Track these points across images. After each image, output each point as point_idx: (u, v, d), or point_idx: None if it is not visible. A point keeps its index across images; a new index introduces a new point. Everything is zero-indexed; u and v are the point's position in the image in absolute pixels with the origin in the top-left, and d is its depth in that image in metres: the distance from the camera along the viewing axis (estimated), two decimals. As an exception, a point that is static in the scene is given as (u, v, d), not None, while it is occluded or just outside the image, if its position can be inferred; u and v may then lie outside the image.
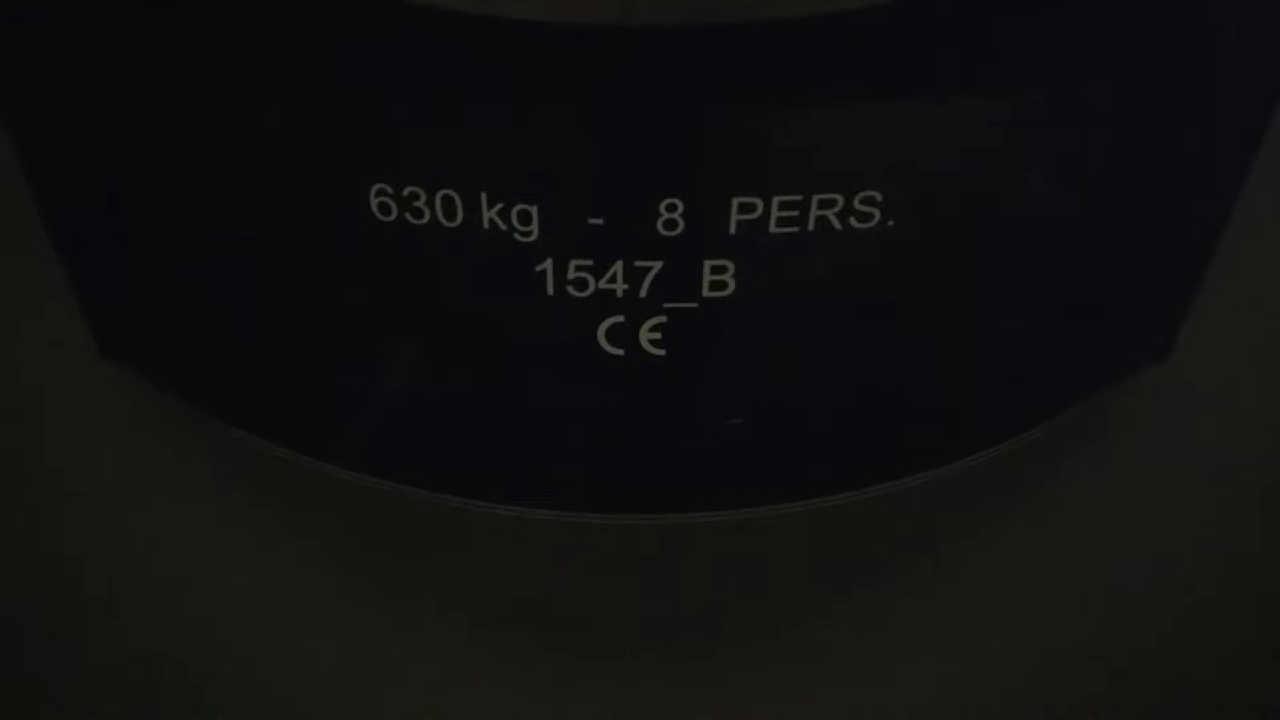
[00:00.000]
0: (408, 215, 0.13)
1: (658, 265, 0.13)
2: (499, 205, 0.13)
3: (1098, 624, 0.21)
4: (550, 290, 0.14)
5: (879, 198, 0.13)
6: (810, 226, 0.13)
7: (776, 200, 0.13)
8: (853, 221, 0.13)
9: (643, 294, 0.14)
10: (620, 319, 0.14)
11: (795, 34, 0.11)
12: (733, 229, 0.13)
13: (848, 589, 0.19)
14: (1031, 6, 0.12)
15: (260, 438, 0.16)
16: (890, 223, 0.13)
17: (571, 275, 0.13)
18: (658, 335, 0.14)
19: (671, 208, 0.13)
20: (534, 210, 0.13)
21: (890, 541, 0.18)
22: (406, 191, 0.13)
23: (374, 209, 0.13)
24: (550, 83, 0.12)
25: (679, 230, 0.13)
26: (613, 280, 0.13)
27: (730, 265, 0.13)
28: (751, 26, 0.11)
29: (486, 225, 0.13)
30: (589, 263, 0.13)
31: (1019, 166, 0.13)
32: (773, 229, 0.13)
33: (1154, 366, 0.17)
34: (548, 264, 0.13)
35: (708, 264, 0.13)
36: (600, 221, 0.13)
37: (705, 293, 0.14)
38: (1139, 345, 0.17)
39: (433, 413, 0.15)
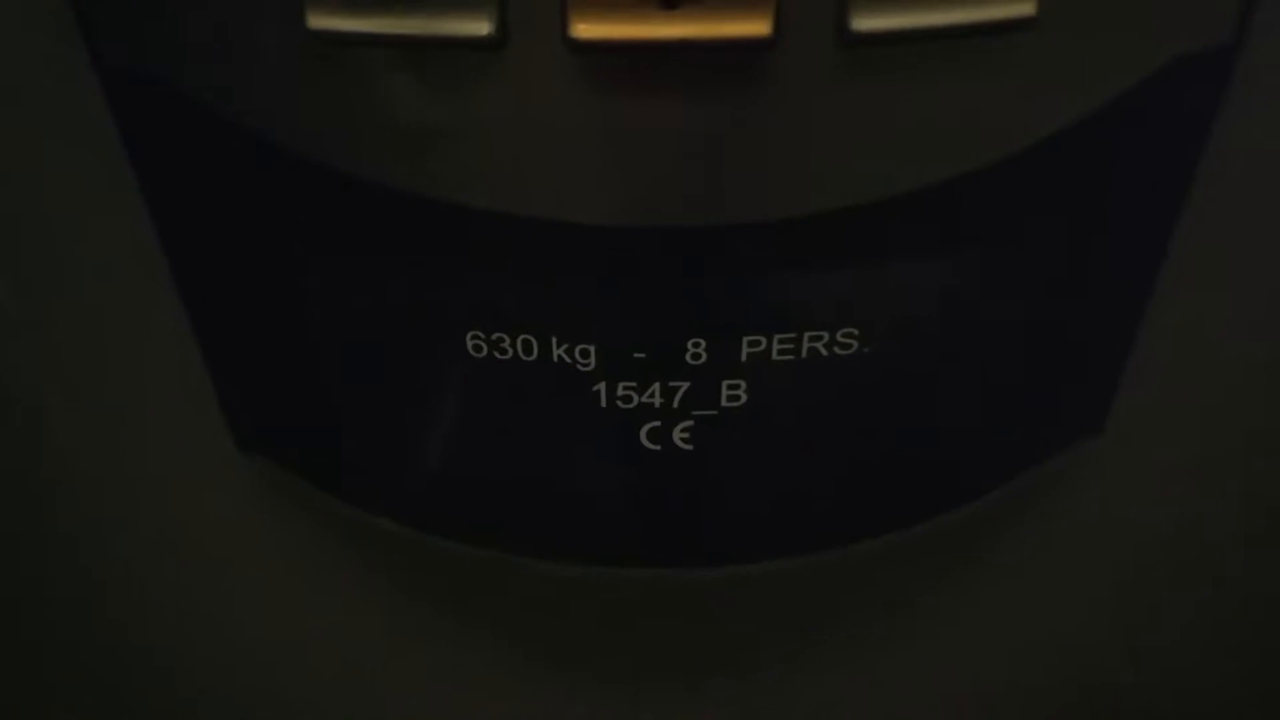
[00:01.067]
0: (495, 353, 0.17)
1: (686, 385, 0.17)
2: (565, 345, 0.17)
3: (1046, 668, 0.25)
4: (603, 404, 0.17)
5: (856, 332, 0.17)
6: (803, 355, 0.17)
7: (776, 337, 0.17)
8: (836, 350, 0.17)
9: (675, 405, 0.18)
10: (657, 423, 0.18)
11: (789, 227, 0.15)
12: (743, 358, 0.17)
13: (834, 627, 0.23)
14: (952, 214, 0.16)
15: (366, 512, 0.20)
16: (865, 349, 0.17)
17: (620, 393, 0.17)
18: (686, 435, 0.18)
19: (696, 344, 0.17)
20: (592, 348, 0.17)
21: (869, 589, 0.22)
22: (494, 336, 0.17)
23: (469, 348, 0.17)
24: (605, 262, 0.16)
25: (702, 360, 0.17)
26: (651, 396, 0.17)
27: (742, 383, 0.17)
28: (754, 224, 0.15)
29: (555, 359, 0.17)
30: (634, 384, 0.17)
31: (961, 308, 0.17)
32: (774, 357, 0.17)
33: (1091, 439, 0.21)
34: (601, 385, 0.17)
35: (724, 383, 0.17)
36: (643, 355, 0.17)
37: (723, 404, 0.18)
38: (1075, 423, 0.21)
39: (509, 492, 0.19)
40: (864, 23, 0.13)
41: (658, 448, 0.18)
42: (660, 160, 0.14)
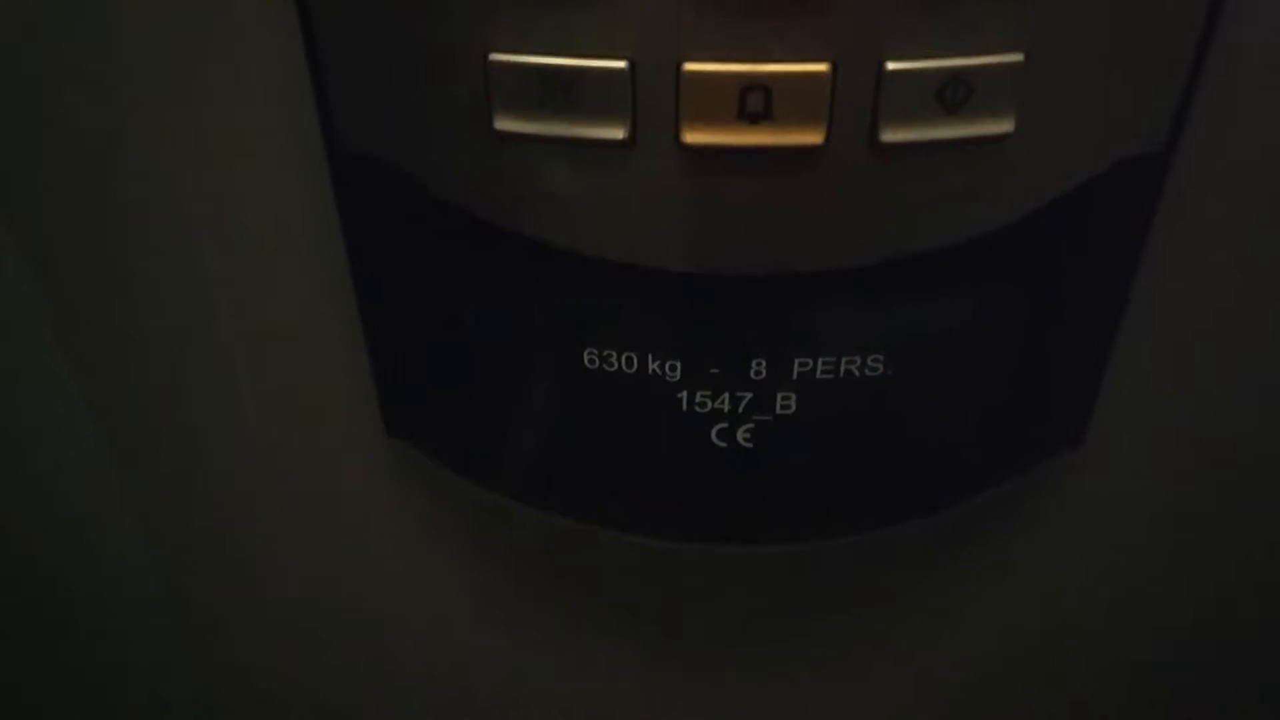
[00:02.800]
0: (604, 365, 0.22)
1: (749, 395, 0.22)
2: (657, 361, 0.22)
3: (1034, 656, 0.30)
4: (684, 408, 0.23)
5: (882, 357, 0.22)
6: (841, 374, 0.22)
7: (820, 360, 0.22)
8: (866, 371, 0.22)
9: (740, 411, 0.23)
10: (725, 425, 0.23)
11: (831, 276, 0.21)
12: (794, 376, 0.22)
13: (850, 605, 0.28)
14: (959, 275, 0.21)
15: (490, 490, 0.26)
16: (889, 371, 0.22)
17: (698, 400, 0.23)
18: (748, 435, 0.23)
19: (759, 364, 0.22)
20: (678, 364, 0.22)
21: (883, 571, 0.28)
22: (605, 352, 0.22)
23: (585, 361, 0.22)
24: (691, 299, 0.21)
25: (763, 376, 0.22)
26: (721, 403, 0.23)
27: (793, 395, 0.22)
28: (804, 274, 0.21)
29: (650, 371, 0.22)
30: (709, 393, 0.22)
31: (961, 340, 0.22)
32: (818, 375, 0.22)
33: (1071, 451, 0.26)
34: (684, 393, 0.23)
35: (779, 395, 0.22)
36: (717, 371, 0.22)
37: (777, 411, 0.23)
38: (1058, 434, 0.26)
39: (608, 476, 0.24)
40: (890, 135, 0.18)
41: (725, 445, 0.23)
42: (738, 227, 0.20)
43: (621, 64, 0.18)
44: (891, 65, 0.18)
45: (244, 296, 0.25)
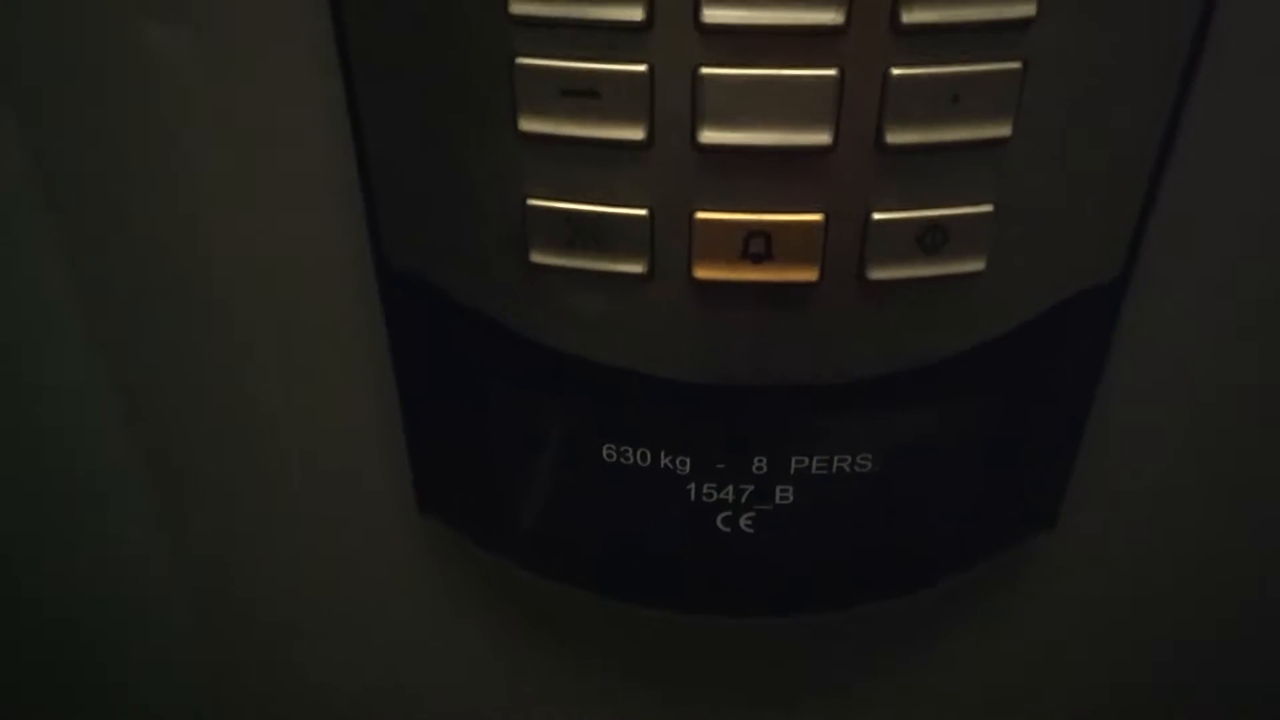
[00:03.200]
0: (621, 459, 0.25)
1: (751, 488, 0.25)
2: (669, 456, 0.25)
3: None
4: (692, 498, 0.25)
5: (870, 455, 0.25)
6: (834, 470, 0.25)
7: (815, 458, 0.25)
8: (856, 467, 0.25)
9: (743, 502, 0.25)
10: (729, 513, 0.26)
11: (819, 390, 0.23)
12: (792, 471, 0.25)
13: (843, 676, 0.31)
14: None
15: (516, 565, 0.28)
16: (876, 468, 0.25)
17: (705, 490, 0.25)
18: (750, 522, 0.26)
19: (760, 460, 0.25)
20: (688, 460, 0.25)
21: (872, 645, 0.30)
22: (623, 448, 0.25)
23: (604, 455, 0.25)
24: (700, 406, 0.24)
25: (764, 472, 0.25)
26: (726, 494, 0.25)
27: (791, 488, 0.25)
28: (798, 387, 0.23)
29: (662, 466, 0.25)
30: (715, 484, 0.25)
31: (938, 442, 0.25)
32: (813, 471, 0.25)
33: (1045, 532, 0.29)
34: (692, 485, 0.25)
35: (778, 487, 0.25)
36: (723, 466, 0.25)
37: (776, 501, 0.25)
38: (1033, 519, 0.28)
39: (624, 557, 0.27)
40: (877, 274, 0.21)
41: (729, 530, 0.26)
42: (742, 347, 0.22)
43: (643, 211, 0.21)
44: (877, 215, 0.21)
45: (295, 383, 0.28)
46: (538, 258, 0.22)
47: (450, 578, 0.30)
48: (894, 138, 0.20)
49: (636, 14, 0.19)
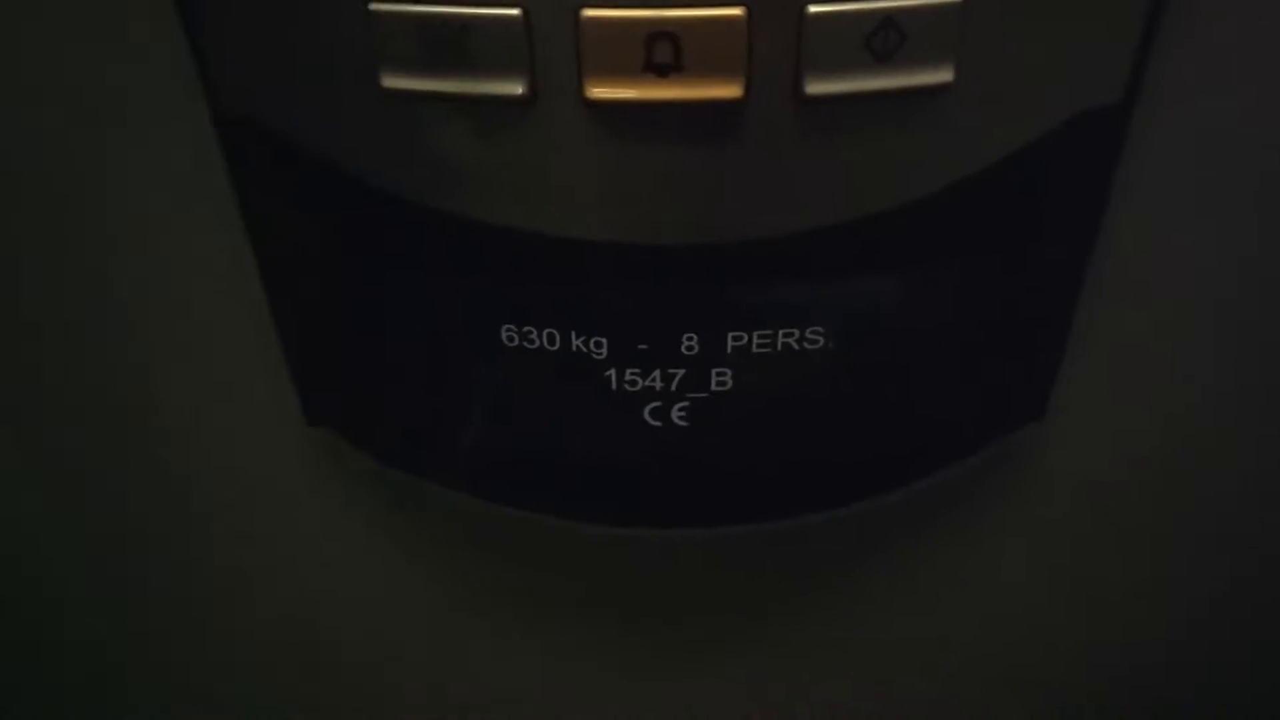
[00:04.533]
0: (524, 343, 0.21)
1: (682, 372, 0.21)
2: (582, 337, 0.20)
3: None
4: (614, 387, 0.21)
5: (822, 330, 0.21)
6: (779, 348, 0.21)
7: (756, 333, 0.20)
8: (805, 344, 0.21)
9: (673, 389, 0.21)
10: (659, 403, 0.21)
11: (760, 245, 0.19)
12: (729, 350, 0.21)
13: (802, 588, 0.27)
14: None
15: (414, 477, 0.24)
16: (830, 344, 0.21)
17: (627, 378, 0.21)
18: (683, 413, 0.22)
19: (690, 338, 0.20)
20: (605, 340, 0.20)
21: (833, 554, 0.26)
22: (525, 328, 0.21)
23: (503, 338, 0.21)
24: (613, 271, 0.20)
25: (695, 352, 0.21)
26: (653, 380, 0.21)
27: (729, 371, 0.21)
28: (731, 243, 0.19)
29: (574, 349, 0.21)
30: (639, 370, 0.21)
31: (906, 312, 0.21)
32: (754, 350, 0.21)
33: (1033, 424, 0.25)
34: (611, 371, 0.21)
35: (714, 371, 0.21)
36: (645, 347, 0.21)
37: (713, 388, 0.21)
38: (1018, 409, 0.24)
39: (535, 460, 0.23)
40: (815, 88, 0.17)
41: (659, 424, 0.22)
42: (655, 191, 0.18)
43: (515, 11, 0.16)
44: (814, 9, 0.16)
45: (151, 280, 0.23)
46: (389, 82, 0.17)
47: (348, 497, 0.26)
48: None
49: None
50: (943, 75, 0.17)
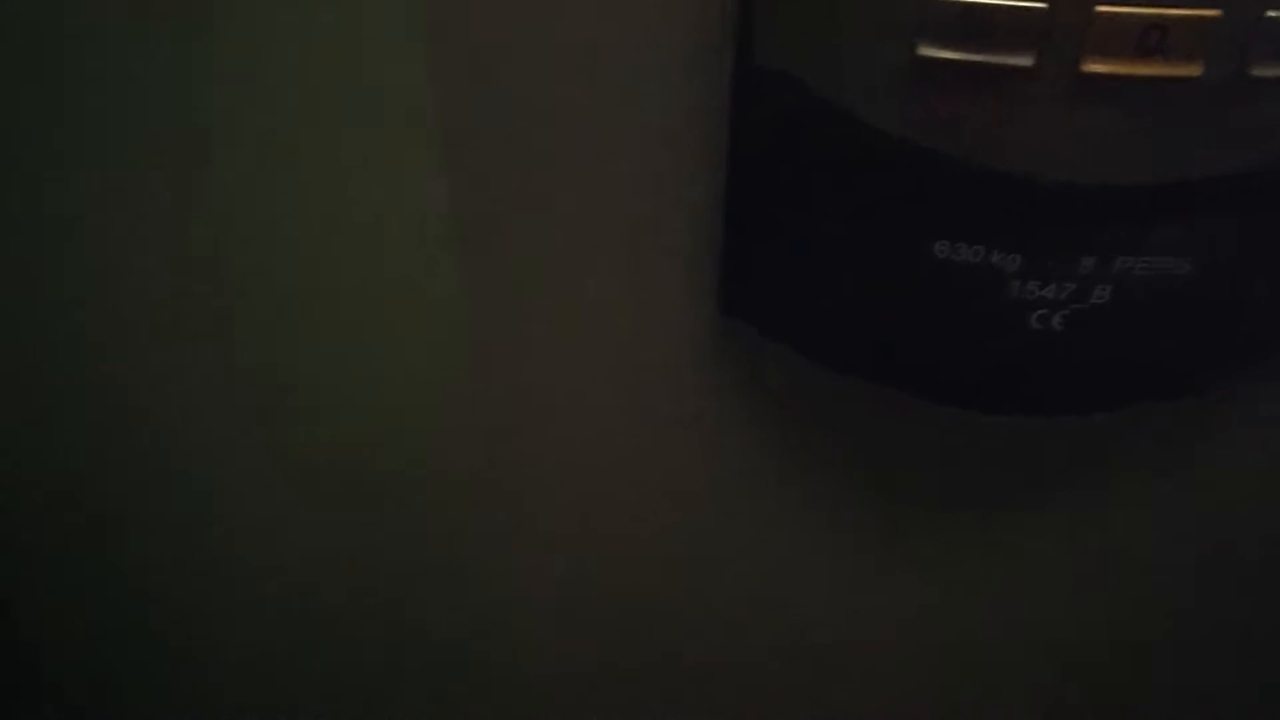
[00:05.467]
0: (952, 255, 0.26)
1: (1073, 286, 0.27)
2: (1001, 254, 0.26)
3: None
4: (1014, 295, 0.27)
5: (1191, 258, 0.26)
6: (1153, 271, 0.26)
7: (1140, 259, 0.26)
8: (1175, 269, 0.26)
9: (1061, 299, 0.27)
10: (1045, 311, 0.27)
11: (1157, 191, 0.25)
12: (1115, 271, 0.26)
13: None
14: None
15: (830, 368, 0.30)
16: (1191, 271, 0.26)
17: (1027, 289, 0.27)
18: (1064, 321, 0.27)
19: (1088, 260, 0.26)
20: (1019, 257, 0.26)
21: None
22: (957, 245, 0.26)
23: (935, 252, 0.26)
24: (1045, 210, 0.25)
25: (1089, 272, 0.26)
26: (1048, 292, 0.27)
27: (1109, 288, 0.27)
28: (1151, 185, 0.24)
29: (992, 262, 0.26)
30: (1039, 283, 0.27)
31: (1253, 250, 0.26)
32: (1135, 272, 0.26)
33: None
34: (1016, 282, 0.27)
35: (1097, 287, 0.27)
36: (1052, 264, 0.26)
37: (1092, 300, 0.27)
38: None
39: (940, 351, 0.29)
40: (1259, 70, 0.22)
41: (1040, 328, 0.27)
42: (1109, 145, 0.24)
43: (1043, 4, 0.22)
44: (1270, 13, 0.22)
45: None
46: (925, 51, 0.23)
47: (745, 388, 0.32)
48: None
49: None
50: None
